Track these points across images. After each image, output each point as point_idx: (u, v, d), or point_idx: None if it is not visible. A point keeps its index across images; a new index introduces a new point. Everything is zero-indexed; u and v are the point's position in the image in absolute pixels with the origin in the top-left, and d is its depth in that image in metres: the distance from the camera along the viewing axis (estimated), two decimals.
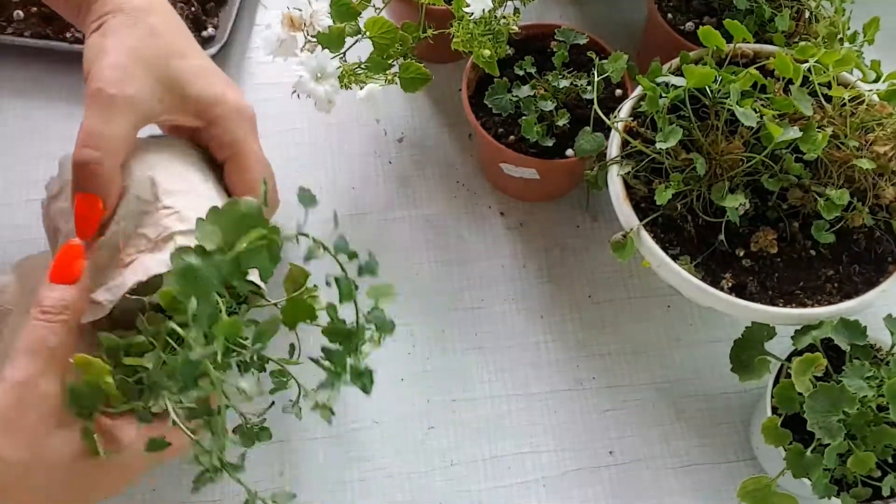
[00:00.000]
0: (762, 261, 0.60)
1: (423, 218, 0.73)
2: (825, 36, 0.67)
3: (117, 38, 0.53)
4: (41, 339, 0.47)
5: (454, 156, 0.77)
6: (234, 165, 0.58)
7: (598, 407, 0.66)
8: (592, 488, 0.63)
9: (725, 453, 0.65)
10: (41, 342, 0.47)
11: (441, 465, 0.63)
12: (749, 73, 0.60)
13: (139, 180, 0.54)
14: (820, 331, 0.57)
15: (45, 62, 0.79)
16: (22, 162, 0.74)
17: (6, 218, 0.72)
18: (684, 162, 0.60)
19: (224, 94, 0.57)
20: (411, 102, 0.79)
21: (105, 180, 0.51)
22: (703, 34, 0.62)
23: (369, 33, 0.64)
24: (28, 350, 0.46)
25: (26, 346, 0.47)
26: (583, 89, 0.67)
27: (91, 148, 0.51)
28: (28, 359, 0.46)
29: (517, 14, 0.67)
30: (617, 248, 0.61)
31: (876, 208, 0.61)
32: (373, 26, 0.63)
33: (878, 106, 0.61)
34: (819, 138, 0.57)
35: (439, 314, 0.69)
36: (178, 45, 0.56)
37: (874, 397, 0.53)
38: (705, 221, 0.61)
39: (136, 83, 0.52)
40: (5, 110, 0.77)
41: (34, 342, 0.47)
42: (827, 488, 0.52)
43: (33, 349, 0.47)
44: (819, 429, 0.52)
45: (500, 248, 0.73)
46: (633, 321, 0.70)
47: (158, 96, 0.54)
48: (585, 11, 0.84)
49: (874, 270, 0.60)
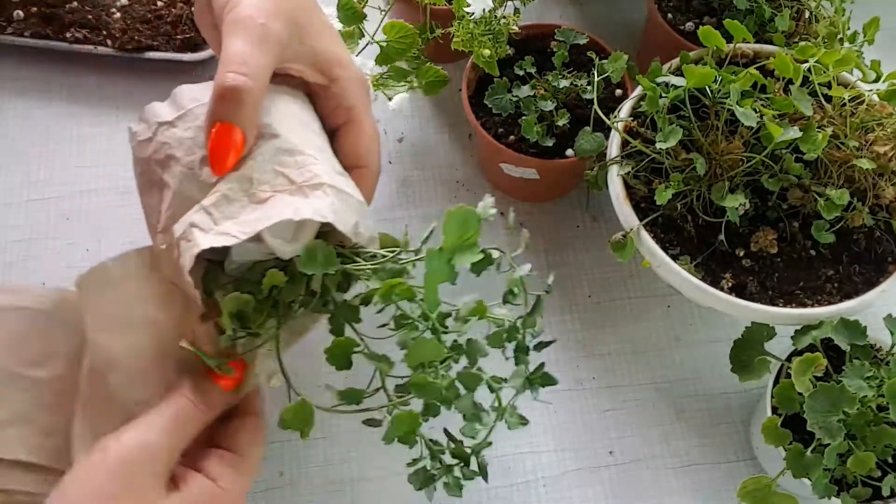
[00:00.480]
0: (762, 261, 0.60)
1: (423, 218, 0.73)
2: (825, 36, 0.67)
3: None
4: (186, 418, 0.47)
5: (454, 156, 0.77)
6: (349, 132, 0.55)
7: (598, 407, 0.66)
8: (592, 488, 0.63)
9: (725, 453, 0.65)
10: (186, 420, 0.47)
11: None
12: (749, 73, 0.60)
13: (281, 118, 0.50)
14: (820, 331, 0.57)
15: (45, 62, 0.79)
16: (22, 162, 0.74)
17: (6, 218, 0.72)
18: (684, 162, 0.60)
19: (347, 56, 0.55)
20: (411, 103, 0.78)
21: (250, 109, 0.48)
22: (703, 34, 0.62)
23: (387, 37, 0.64)
24: (171, 419, 0.47)
25: (168, 414, 0.47)
26: (583, 89, 0.67)
27: (240, 74, 0.47)
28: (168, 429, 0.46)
29: (517, 14, 0.67)
30: (617, 248, 0.61)
31: (876, 208, 0.61)
32: (391, 30, 0.63)
33: (878, 106, 0.61)
34: (819, 138, 0.57)
35: None
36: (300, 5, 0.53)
37: (874, 397, 0.53)
38: (705, 221, 0.61)
39: (279, 21, 0.49)
40: (5, 110, 0.77)
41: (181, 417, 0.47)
42: (827, 488, 0.52)
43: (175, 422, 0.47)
44: (819, 429, 0.52)
45: (500, 247, 0.72)
46: (633, 321, 0.70)
47: (295, 41, 0.51)
48: (585, 11, 0.84)
49: (874, 270, 0.60)
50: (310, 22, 0.53)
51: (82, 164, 0.75)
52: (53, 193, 0.73)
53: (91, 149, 0.76)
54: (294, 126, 0.51)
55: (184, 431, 0.47)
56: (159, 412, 0.47)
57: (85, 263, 0.70)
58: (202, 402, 0.48)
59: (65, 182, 0.74)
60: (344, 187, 0.50)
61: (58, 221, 0.72)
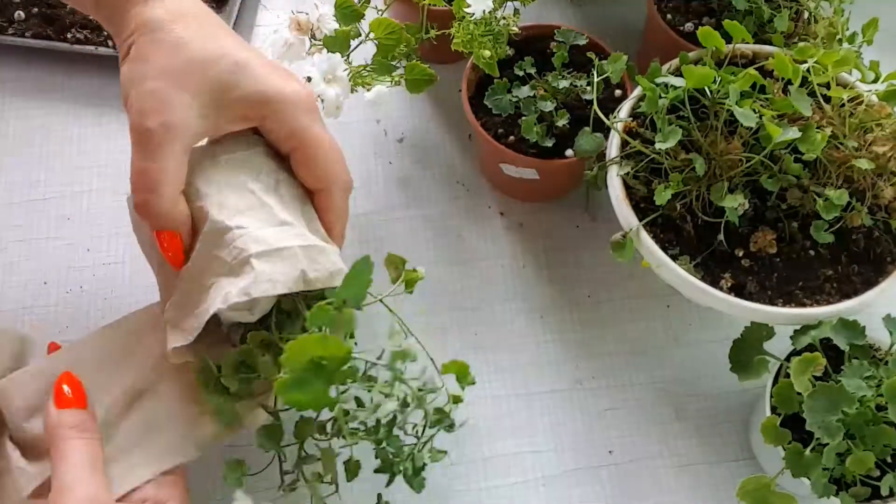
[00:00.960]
0: (761, 261, 0.60)
1: (423, 218, 0.74)
2: (824, 36, 0.67)
3: (145, 63, 0.51)
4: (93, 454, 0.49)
5: (454, 156, 0.77)
6: (299, 157, 0.55)
7: (598, 407, 0.66)
8: (592, 488, 0.63)
9: (725, 453, 0.65)
10: (95, 457, 0.49)
11: (441, 465, 0.63)
12: (748, 74, 0.60)
13: (214, 192, 0.52)
14: (819, 331, 0.57)
15: (46, 63, 0.79)
16: (22, 162, 0.74)
17: (6, 218, 0.72)
18: (684, 162, 0.60)
19: (270, 86, 0.53)
20: (411, 103, 0.79)
21: (169, 216, 0.51)
22: (703, 35, 0.62)
23: (374, 34, 0.64)
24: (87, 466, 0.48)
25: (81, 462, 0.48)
26: (582, 90, 0.67)
27: (144, 191, 0.50)
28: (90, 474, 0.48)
29: (517, 15, 0.67)
30: (617, 248, 0.61)
31: (875, 208, 0.61)
32: (378, 27, 0.64)
33: (877, 106, 0.61)
34: (818, 139, 0.57)
35: (439, 314, 0.69)
36: (210, 49, 0.52)
37: (873, 397, 0.53)
38: (704, 221, 0.61)
39: (173, 108, 0.50)
40: (5, 110, 0.77)
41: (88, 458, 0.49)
42: (826, 488, 0.52)
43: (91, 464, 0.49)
44: (818, 428, 0.52)
45: (500, 248, 0.73)
46: (633, 321, 0.70)
47: (201, 112, 0.51)
48: (585, 12, 0.84)
49: (873, 270, 0.60)
50: (216, 77, 0.51)
51: (82, 164, 0.75)
52: (53, 193, 0.73)
53: (91, 149, 0.76)
54: (226, 197, 0.52)
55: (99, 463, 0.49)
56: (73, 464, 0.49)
57: (85, 263, 0.70)
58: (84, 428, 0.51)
59: (65, 182, 0.74)
60: (279, 242, 0.51)
61: (58, 221, 0.72)
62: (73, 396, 0.51)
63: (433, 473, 0.63)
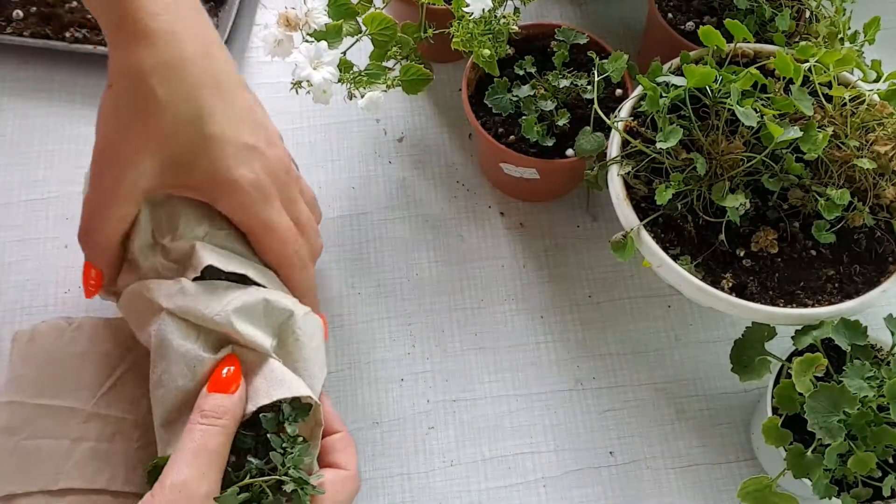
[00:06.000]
0: (762, 261, 0.60)
1: (423, 218, 0.73)
2: (826, 36, 0.67)
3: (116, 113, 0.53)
4: (202, 443, 0.49)
5: (454, 156, 0.77)
6: (252, 241, 0.57)
7: (598, 407, 0.66)
8: (592, 488, 0.63)
9: (725, 453, 0.65)
10: (202, 446, 0.49)
11: (441, 465, 0.63)
12: (749, 73, 0.59)
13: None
14: (820, 331, 0.56)
15: (45, 62, 0.79)
16: (22, 162, 0.74)
17: (6, 218, 0.72)
18: (684, 162, 0.60)
19: (223, 173, 0.53)
20: (411, 102, 0.79)
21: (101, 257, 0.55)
22: (704, 34, 0.62)
23: (368, 29, 0.64)
24: (190, 452, 0.48)
25: (188, 448, 0.48)
26: (583, 89, 0.67)
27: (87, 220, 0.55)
28: (189, 461, 0.48)
29: (517, 14, 0.67)
30: (617, 248, 0.61)
31: (876, 208, 0.61)
32: (371, 22, 0.63)
33: (879, 106, 0.61)
34: (819, 138, 0.57)
35: (439, 314, 0.69)
36: (182, 115, 0.52)
37: (875, 397, 0.53)
38: (705, 221, 0.61)
39: (127, 167, 0.52)
40: (5, 110, 0.77)
41: (196, 446, 0.49)
42: (827, 489, 0.52)
43: (195, 452, 0.48)
44: (819, 429, 0.52)
45: (500, 248, 0.73)
46: (633, 321, 0.70)
47: (155, 173, 0.53)
48: (585, 11, 0.84)
49: (875, 270, 0.60)
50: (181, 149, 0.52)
51: (82, 164, 0.74)
52: (53, 193, 0.73)
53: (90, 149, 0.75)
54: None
55: (207, 453, 0.49)
56: (180, 449, 0.49)
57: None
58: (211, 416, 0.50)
59: (64, 182, 0.73)
60: None
61: (58, 221, 0.72)
62: (225, 379, 0.51)
63: (434, 474, 0.63)
